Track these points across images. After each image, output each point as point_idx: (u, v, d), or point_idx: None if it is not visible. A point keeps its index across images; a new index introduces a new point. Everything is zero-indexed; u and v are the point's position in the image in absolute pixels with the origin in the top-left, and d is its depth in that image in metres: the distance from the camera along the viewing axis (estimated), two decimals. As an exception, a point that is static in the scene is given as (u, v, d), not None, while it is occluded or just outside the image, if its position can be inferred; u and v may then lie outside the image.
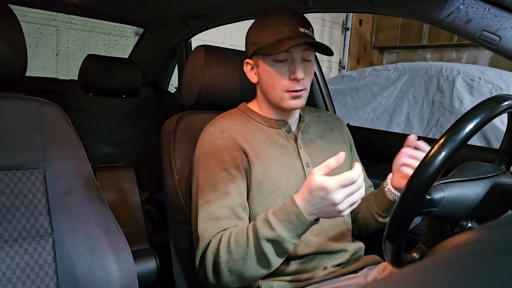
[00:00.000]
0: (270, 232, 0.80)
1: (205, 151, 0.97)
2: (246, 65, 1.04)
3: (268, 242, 0.81)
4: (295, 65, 0.95)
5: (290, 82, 0.96)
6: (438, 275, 0.21)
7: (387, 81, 2.83)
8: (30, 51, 2.95)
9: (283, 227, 0.80)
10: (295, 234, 0.81)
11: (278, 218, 0.81)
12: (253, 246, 0.82)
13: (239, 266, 0.84)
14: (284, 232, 0.80)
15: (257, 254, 0.82)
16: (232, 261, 0.84)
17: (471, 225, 0.71)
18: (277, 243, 0.81)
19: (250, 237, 0.82)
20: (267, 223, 0.81)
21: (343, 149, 1.13)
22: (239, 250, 0.83)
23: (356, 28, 6.20)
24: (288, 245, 0.81)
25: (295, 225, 0.80)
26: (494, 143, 2.06)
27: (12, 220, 0.80)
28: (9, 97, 0.87)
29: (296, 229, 0.80)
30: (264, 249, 0.81)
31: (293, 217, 0.79)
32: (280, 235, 0.80)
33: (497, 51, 0.86)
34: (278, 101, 0.99)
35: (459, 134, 0.63)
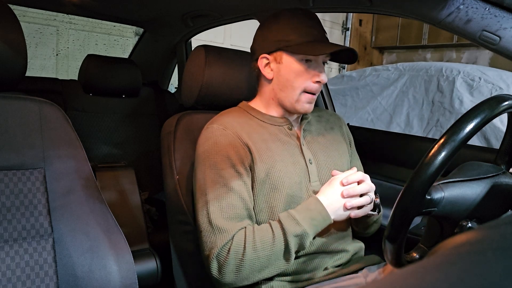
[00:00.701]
0: (297, 228, 0.86)
1: (208, 149, 0.96)
2: (261, 60, 1.01)
3: (294, 237, 0.86)
4: (320, 69, 0.99)
5: (313, 84, 0.98)
6: (438, 275, 0.21)
7: (387, 81, 2.83)
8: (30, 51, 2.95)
9: (308, 223, 0.87)
10: (315, 230, 0.89)
11: (302, 214, 0.88)
12: (279, 242, 0.86)
13: (262, 263, 0.86)
14: (309, 228, 0.87)
15: (282, 250, 0.87)
16: (257, 258, 0.86)
17: (471, 225, 0.71)
18: (301, 239, 0.87)
19: (277, 233, 0.87)
20: (294, 220, 0.87)
21: (343, 146, 1.13)
22: (264, 247, 0.86)
23: (356, 28, 6.20)
24: (307, 242, 0.88)
25: (317, 221, 0.88)
26: (494, 143, 2.06)
27: (12, 220, 0.80)
28: (9, 97, 0.87)
29: (318, 226, 0.89)
30: (289, 245, 0.86)
31: (317, 214, 0.88)
32: (305, 231, 0.87)
33: (497, 51, 0.86)
34: (293, 102, 1.00)
35: (459, 134, 0.63)
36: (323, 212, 0.89)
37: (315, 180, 1.01)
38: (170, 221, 1.10)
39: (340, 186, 0.92)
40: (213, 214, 0.90)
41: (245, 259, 0.85)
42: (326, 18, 5.58)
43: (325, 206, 0.90)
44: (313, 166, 1.02)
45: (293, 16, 0.98)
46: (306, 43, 0.95)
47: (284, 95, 1.00)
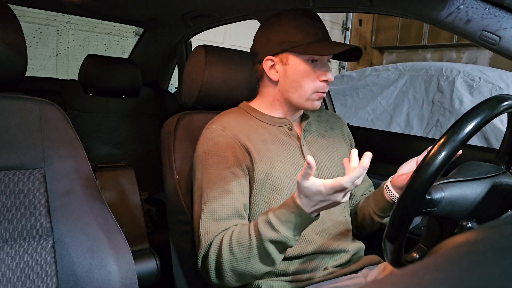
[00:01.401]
0: (273, 234, 0.81)
1: (207, 150, 0.97)
2: (266, 62, 1.00)
3: (271, 243, 0.82)
4: (326, 68, 0.99)
5: (321, 84, 0.99)
6: (438, 275, 0.21)
7: (387, 81, 2.83)
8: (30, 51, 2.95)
9: (286, 227, 0.81)
10: (297, 232, 0.82)
11: (280, 218, 0.81)
12: (256, 247, 0.82)
13: (242, 266, 0.84)
14: (287, 232, 0.81)
15: (261, 254, 0.83)
16: (235, 260, 0.84)
17: (471, 225, 0.71)
18: (282, 243, 0.82)
19: (253, 238, 0.83)
20: (269, 225, 0.82)
21: (344, 147, 1.13)
22: (241, 250, 0.83)
23: (356, 28, 6.20)
24: (292, 243, 0.83)
25: (297, 223, 0.81)
26: (494, 143, 2.06)
27: (12, 220, 0.80)
28: (9, 97, 0.87)
29: (298, 227, 0.82)
30: (267, 250, 0.82)
31: (295, 216, 0.80)
32: (283, 235, 0.81)
33: (497, 51, 0.86)
34: (303, 100, 1.00)
35: (459, 134, 0.63)
36: (303, 214, 0.79)
37: None
38: (170, 221, 1.10)
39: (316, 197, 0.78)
40: (204, 215, 0.91)
41: (223, 261, 0.85)
42: (326, 18, 5.58)
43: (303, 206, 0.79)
44: None
45: (295, 17, 0.98)
46: (312, 43, 0.96)
47: (293, 95, 1.00)
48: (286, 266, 0.95)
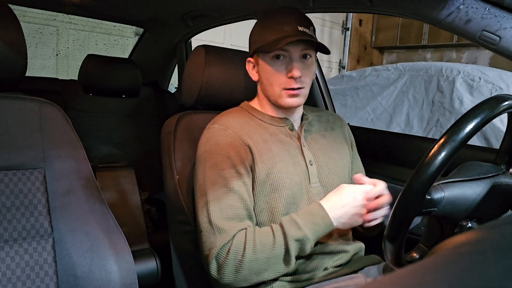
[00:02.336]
0: (298, 232, 0.85)
1: (209, 149, 0.96)
2: (248, 64, 1.06)
3: (295, 241, 0.85)
4: (293, 64, 0.96)
5: (288, 80, 0.97)
6: (438, 275, 0.21)
7: (387, 81, 2.83)
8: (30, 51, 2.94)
9: (310, 228, 0.86)
10: (317, 236, 0.88)
11: (304, 219, 0.87)
12: (279, 245, 0.85)
13: (261, 265, 0.86)
14: (310, 233, 0.86)
15: (282, 254, 0.86)
16: (255, 260, 0.85)
17: (471, 225, 0.71)
18: (302, 244, 0.86)
19: (278, 237, 0.86)
20: (295, 224, 0.86)
21: (344, 148, 1.13)
22: (264, 249, 0.85)
23: (356, 28, 6.20)
24: (309, 247, 0.87)
25: (320, 227, 0.87)
26: (494, 143, 2.06)
27: (12, 220, 0.80)
28: (9, 97, 0.87)
29: (319, 231, 0.87)
30: (290, 249, 0.85)
31: (319, 219, 0.87)
32: (306, 236, 0.86)
33: (497, 51, 0.86)
34: (276, 99, 1.00)
35: (459, 134, 0.63)
36: (325, 218, 0.88)
37: (315, 181, 1.01)
38: (170, 221, 1.10)
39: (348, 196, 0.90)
40: (213, 214, 0.89)
41: (244, 260, 0.85)
42: (326, 18, 5.58)
43: (328, 212, 0.89)
44: (314, 167, 1.02)
45: (268, 16, 0.99)
46: (274, 41, 0.95)
47: (269, 94, 1.02)
48: (286, 266, 0.96)
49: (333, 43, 5.80)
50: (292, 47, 0.95)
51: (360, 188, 0.91)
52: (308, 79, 1.00)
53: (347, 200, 0.89)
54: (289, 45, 0.94)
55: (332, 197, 0.91)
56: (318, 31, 1.03)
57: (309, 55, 0.99)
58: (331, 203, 0.90)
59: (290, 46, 0.95)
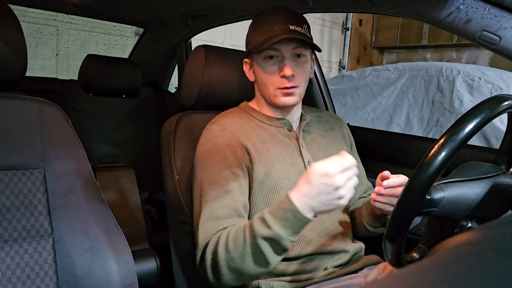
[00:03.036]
0: (266, 231, 0.79)
1: (207, 150, 0.97)
2: (245, 65, 1.07)
3: (264, 240, 0.79)
4: (284, 63, 0.96)
5: (281, 80, 0.97)
6: (438, 275, 0.21)
7: (387, 81, 2.83)
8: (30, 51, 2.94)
9: (280, 225, 0.78)
10: (292, 231, 0.79)
11: (274, 216, 0.79)
12: (250, 244, 0.80)
13: (238, 264, 0.83)
14: (280, 230, 0.78)
15: (255, 253, 0.81)
16: (230, 259, 0.83)
17: (471, 225, 0.71)
18: (274, 241, 0.79)
19: (247, 235, 0.81)
20: (264, 222, 0.80)
21: (344, 148, 1.13)
22: (236, 248, 0.82)
23: (356, 28, 6.20)
24: (286, 243, 0.79)
25: (291, 222, 0.78)
26: (494, 143, 2.06)
27: (12, 220, 0.80)
28: (9, 97, 0.87)
29: (293, 227, 0.79)
30: (261, 248, 0.79)
31: (289, 214, 0.78)
32: (276, 233, 0.78)
33: (497, 51, 0.86)
34: (272, 98, 1.00)
35: (459, 134, 0.63)
36: (296, 213, 0.77)
37: None
38: (170, 221, 1.10)
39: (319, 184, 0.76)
40: (203, 215, 0.90)
41: (219, 259, 0.84)
42: (326, 18, 5.58)
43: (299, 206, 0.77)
44: None
45: (261, 17, 1.00)
46: (264, 41, 0.95)
47: (264, 93, 1.02)
48: (286, 266, 0.95)
49: (333, 43, 5.80)
50: (284, 46, 0.95)
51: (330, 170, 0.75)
52: (302, 77, 0.99)
53: (319, 188, 0.76)
54: (280, 44, 0.94)
55: (302, 187, 0.78)
56: (318, 31, 1.03)
57: (302, 54, 0.98)
58: (301, 193, 0.78)
59: (281, 45, 0.95)
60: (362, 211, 1.08)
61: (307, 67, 1.01)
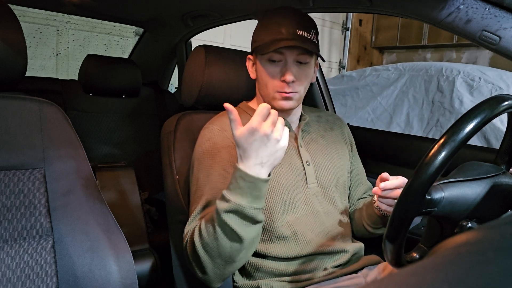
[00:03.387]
0: (226, 204, 0.78)
1: (204, 150, 0.97)
2: (248, 61, 1.06)
3: (228, 213, 0.78)
4: (287, 68, 0.95)
5: (281, 84, 0.96)
6: (438, 275, 0.21)
7: (387, 81, 2.83)
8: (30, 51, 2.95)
9: (237, 195, 0.78)
10: (252, 198, 0.79)
11: (229, 189, 0.79)
12: (217, 224, 0.80)
13: (214, 248, 0.81)
14: (238, 200, 0.78)
15: (224, 230, 0.80)
16: (205, 244, 0.82)
17: (471, 225, 0.71)
18: (238, 213, 0.78)
19: (214, 216, 0.81)
20: (223, 198, 0.80)
21: (344, 148, 1.13)
22: (208, 231, 0.81)
23: (356, 28, 6.20)
24: (249, 211, 0.79)
25: (246, 188, 0.78)
26: (494, 143, 2.06)
27: (12, 220, 0.80)
28: (9, 97, 0.87)
29: (250, 192, 0.78)
30: (227, 223, 0.78)
31: (241, 181, 0.78)
32: (235, 203, 0.78)
33: (497, 51, 0.86)
34: (270, 100, 1.00)
35: (459, 134, 0.63)
36: (246, 176, 0.77)
37: (312, 182, 1.01)
38: (170, 221, 1.10)
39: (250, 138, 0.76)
40: (195, 213, 0.91)
41: (196, 248, 0.83)
42: (326, 18, 5.58)
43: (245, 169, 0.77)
44: (311, 168, 1.02)
45: (269, 16, 0.99)
46: (270, 43, 0.94)
47: (263, 94, 1.02)
48: (286, 266, 0.95)
49: (333, 43, 5.80)
50: (288, 51, 0.95)
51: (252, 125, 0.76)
52: (303, 83, 0.99)
53: (253, 146, 0.77)
54: (284, 48, 0.94)
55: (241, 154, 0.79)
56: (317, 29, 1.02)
57: (306, 60, 0.98)
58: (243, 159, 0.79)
59: (286, 49, 0.94)
60: (362, 212, 1.08)
61: (310, 73, 1.01)
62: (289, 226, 0.96)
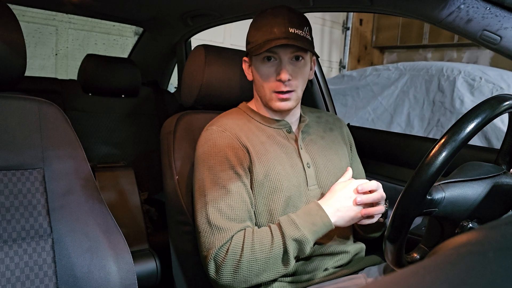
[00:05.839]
0: (296, 232, 0.85)
1: (207, 151, 0.96)
2: (244, 63, 1.06)
3: (293, 241, 0.85)
4: (282, 67, 0.95)
5: (277, 83, 0.96)
6: (439, 276, 0.21)
7: (388, 81, 2.83)
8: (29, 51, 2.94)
9: (309, 228, 0.86)
10: (316, 236, 0.87)
11: (304, 220, 0.87)
12: (279, 245, 0.85)
13: (260, 266, 0.85)
14: (309, 234, 0.86)
15: (281, 254, 0.86)
16: (254, 260, 0.85)
17: (471, 225, 0.71)
18: (301, 244, 0.86)
19: (276, 236, 0.86)
20: (293, 224, 0.86)
21: (343, 149, 1.12)
22: (263, 249, 0.85)
23: (357, 28, 6.20)
24: (308, 247, 0.87)
25: (318, 227, 0.87)
26: (495, 143, 2.06)
27: (11, 221, 0.80)
28: (8, 97, 0.87)
29: (318, 232, 0.87)
30: (288, 249, 0.85)
31: (318, 219, 0.87)
32: (305, 236, 0.85)
33: (498, 50, 0.86)
34: (267, 101, 1.00)
35: (460, 134, 0.63)
36: (324, 218, 0.88)
37: (313, 183, 1.01)
38: (170, 222, 1.10)
39: (344, 195, 0.91)
40: (212, 215, 0.89)
41: (242, 260, 0.85)
42: (326, 18, 5.58)
43: (326, 212, 0.89)
44: (311, 169, 1.02)
45: (261, 16, 0.98)
46: (263, 43, 0.94)
47: (261, 95, 1.02)
48: (286, 266, 0.95)
49: (333, 43, 5.80)
50: (282, 50, 0.94)
51: (353, 186, 0.92)
52: (299, 81, 0.98)
53: (344, 198, 0.91)
54: (277, 47, 0.93)
55: (329, 197, 0.92)
56: (318, 30, 1.02)
57: (301, 57, 0.97)
58: (329, 202, 0.91)
59: (279, 48, 0.94)
60: None
61: (306, 70, 1.00)
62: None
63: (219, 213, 0.89)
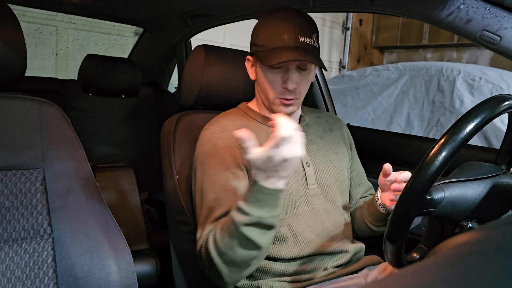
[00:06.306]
0: (244, 218, 0.79)
1: (206, 151, 0.97)
2: (247, 62, 1.05)
3: (247, 226, 0.79)
4: (288, 75, 0.95)
5: (282, 90, 0.96)
6: (439, 276, 0.21)
7: (388, 81, 2.83)
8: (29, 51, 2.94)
9: (255, 207, 0.78)
10: (269, 208, 0.79)
11: (246, 201, 0.79)
12: (235, 235, 0.80)
13: (230, 256, 0.82)
14: (257, 212, 0.78)
15: (242, 241, 0.80)
16: (222, 253, 0.83)
17: (471, 225, 0.71)
18: (257, 224, 0.79)
19: (230, 227, 0.81)
20: (239, 210, 0.80)
21: (343, 149, 1.13)
22: (224, 241, 0.82)
23: (357, 28, 6.20)
24: (269, 221, 0.80)
25: (264, 200, 0.78)
26: (494, 143, 2.06)
27: (11, 220, 0.80)
28: (9, 97, 0.87)
29: (268, 204, 0.79)
30: (246, 235, 0.79)
31: (259, 194, 0.78)
32: (255, 216, 0.78)
33: (498, 51, 0.86)
34: (270, 105, 1.00)
35: (459, 134, 0.63)
36: (264, 189, 0.78)
37: (312, 183, 1.01)
38: (170, 221, 1.10)
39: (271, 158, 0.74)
40: (203, 216, 0.90)
41: (211, 256, 0.84)
42: (326, 18, 5.58)
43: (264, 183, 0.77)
44: (311, 169, 1.02)
45: (269, 19, 0.96)
46: (272, 50, 0.93)
47: (263, 96, 1.02)
48: (286, 266, 0.95)
49: (333, 43, 5.80)
50: None
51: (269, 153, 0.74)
52: (304, 88, 0.99)
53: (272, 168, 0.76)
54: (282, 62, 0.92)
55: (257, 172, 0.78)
56: (318, 30, 1.01)
57: (307, 66, 0.97)
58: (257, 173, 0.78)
59: None
60: (364, 211, 1.08)
61: (310, 78, 1.01)
62: (289, 227, 0.96)
63: (209, 215, 0.90)
